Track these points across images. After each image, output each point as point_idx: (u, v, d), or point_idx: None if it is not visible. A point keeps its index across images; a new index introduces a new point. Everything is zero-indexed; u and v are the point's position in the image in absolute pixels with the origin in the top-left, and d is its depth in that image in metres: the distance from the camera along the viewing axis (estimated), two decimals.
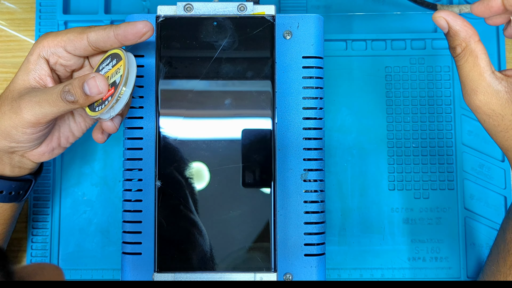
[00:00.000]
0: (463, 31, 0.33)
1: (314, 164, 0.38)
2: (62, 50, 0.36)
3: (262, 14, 0.39)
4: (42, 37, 0.37)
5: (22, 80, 0.36)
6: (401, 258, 0.47)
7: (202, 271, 0.38)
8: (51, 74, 0.37)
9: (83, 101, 0.34)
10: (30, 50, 0.37)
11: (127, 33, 0.35)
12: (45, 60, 0.36)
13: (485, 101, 0.33)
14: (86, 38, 0.35)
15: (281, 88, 0.39)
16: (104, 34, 0.35)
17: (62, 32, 0.36)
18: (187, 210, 0.38)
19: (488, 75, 0.33)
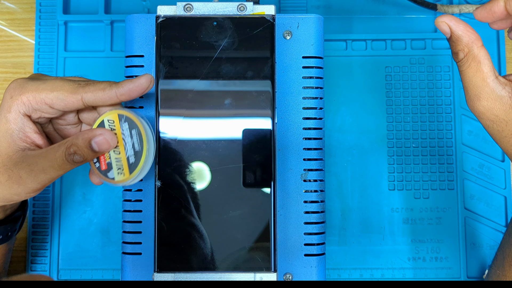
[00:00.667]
0: (465, 36, 0.33)
1: (314, 164, 0.38)
2: (47, 107, 0.33)
3: (262, 14, 0.39)
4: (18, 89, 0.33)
5: (7, 142, 0.33)
6: (401, 258, 0.47)
7: (202, 271, 0.38)
8: (37, 130, 0.34)
9: (92, 157, 0.33)
10: (2, 103, 0.33)
11: (131, 91, 0.34)
12: (27, 116, 0.34)
13: (488, 106, 0.32)
14: (81, 99, 0.33)
15: (281, 88, 0.39)
16: (104, 95, 0.33)
17: (46, 87, 0.33)
18: (187, 210, 0.38)
19: (492, 81, 0.32)
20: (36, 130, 0.34)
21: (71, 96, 0.33)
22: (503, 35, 0.48)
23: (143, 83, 0.34)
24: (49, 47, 0.49)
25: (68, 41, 0.49)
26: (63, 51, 0.49)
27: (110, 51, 0.48)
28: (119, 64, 0.48)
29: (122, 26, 0.49)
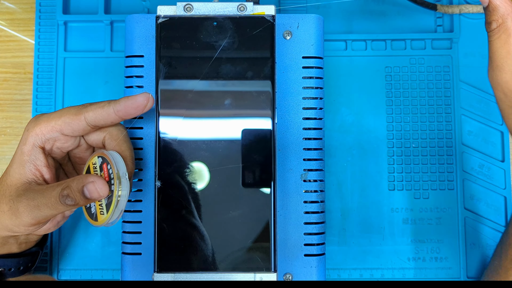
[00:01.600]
0: (502, 7, 0.33)
1: (314, 164, 0.38)
2: (58, 134, 0.35)
3: (262, 14, 0.39)
4: (33, 123, 0.35)
5: (18, 173, 0.35)
6: (401, 258, 0.47)
7: (202, 271, 0.38)
8: (47, 163, 0.35)
9: (83, 203, 0.33)
10: (22, 138, 0.35)
11: (128, 108, 0.34)
12: (40, 148, 0.35)
13: (506, 79, 0.33)
14: (84, 119, 0.34)
15: (281, 88, 0.39)
16: (103, 113, 0.34)
17: (55, 115, 0.35)
18: (187, 210, 0.38)
19: None
20: (46, 163, 0.35)
21: (75, 118, 0.34)
22: None
23: (139, 101, 0.34)
24: (49, 47, 0.49)
25: (68, 41, 0.49)
26: (63, 51, 0.49)
27: (110, 51, 0.48)
28: (119, 64, 0.48)
29: (122, 26, 0.49)
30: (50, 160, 0.36)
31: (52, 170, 0.36)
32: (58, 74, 0.48)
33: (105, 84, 0.48)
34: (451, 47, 0.48)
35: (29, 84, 0.49)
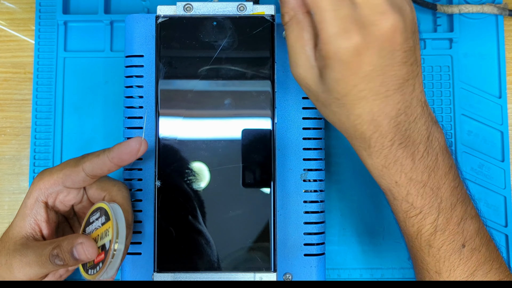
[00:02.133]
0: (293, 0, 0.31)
1: (313, 164, 0.38)
2: (61, 187, 0.36)
3: (262, 14, 0.39)
4: (37, 177, 0.36)
5: (19, 226, 0.36)
6: (401, 258, 0.47)
7: (202, 271, 0.38)
8: (47, 219, 0.36)
9: (72, 264, 0.33)
10: (27, 192, 0.36)
11: (121, 154, 0.34)
12: (43, 203, 0.36)
13: (303, 75, 0.32)
14: (82, 170, 0.35)
15: (281, 88, 0.39)
16: (99, 162, 0.35)
17: (57, 169, 0.36)
18: (186, 210, 0.38)
19: (309, 49, 0.31)
20: (46, 219, 0.36)
21: (75, 170, 0.35)
22: (502, 35, 0.48)
23: (132, 146, 0.34)
24: (49, 47, 0.49)
25: (68, 41, 0.49)
26: (63, 51, 0.48)
27: (110, 51, 0.48)
28: (119, 64, 0.48)
29: (122, 26, 0.49)
30: (51, 215, 0.37)
31: (52, 225, 0.37)
32: (58, 74, 0.48)
33: (105, 84, 0.48)
34: (451, 47, 0.48)
35: (29, 84, 0.49)
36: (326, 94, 0.31)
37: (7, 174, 0.48)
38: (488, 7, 0.47)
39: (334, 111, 0.32)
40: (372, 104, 0.30)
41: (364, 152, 0.33)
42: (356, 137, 0.32)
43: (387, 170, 0.33)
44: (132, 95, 0.39)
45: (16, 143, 0.48)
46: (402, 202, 0.34)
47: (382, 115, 0.31)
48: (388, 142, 0.32)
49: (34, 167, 0.47)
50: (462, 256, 0.34)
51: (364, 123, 0.31)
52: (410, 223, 0.34)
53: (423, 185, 0.33)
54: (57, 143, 0.48)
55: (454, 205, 0.34)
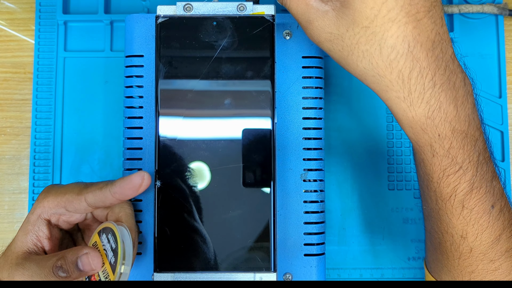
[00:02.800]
0: None
1: (313, 164, 0.38)
2: (63, 210, 0.35)
3: (262, 14, 0.39)
4: (43, 194, 0.36)
5: (21, 241, 0.36)
6: (401, 258, 0.47)
7: (202, 271, 0.38)
8: (49, 236, 0.36)
9: (76, 276, 0.33)
10: (32, 207, 0.36)
11: (123, 189, 0.34)
12: (46, 221, 0.36)
13: (320, 26, 0.31)
14: (84, 200, 0.35)
15: (281, 88, 0.39)
16: (101, 195, 0.34)
17: (61, 191, 0.36)
18: (187, 210, 0.38)
19: (314, 2, 0.31)
20: (49, 236, 0.36)
21: (77, 198, 0.35)
22: (502, 35, 0.48)
23: (134, 182, 0.34)
24: (49, 47, 0.49)
25: (68, 41, 0.49)
26: (63, 51, 0.48)
27: (110, 51, 0.48)
28: (119, 64, 0.48)
29: (122, 26, 0.49)
30: (54, 232, 0.36)
31: (55, 242, 0.36)
32: (58, 74, 0.48)
33: (105, 84, 0.48)
34: None
35: (29, 84, 0.49)
36: (351, 30, 0.30)
37: (7, 174, 0.48)
38: (488, 7, 0.47)
39: (364, 51, 0.30)
40: (405, 29, 0.28)
41: (403, 103, 0.30)
42: (393, 82, 0.30)
43: (431, 120, 0.30)
44: (132, 95, 0.39)
45: (16, 143, 0.48)
46: (443, 158, 0.31)
47: (418, 45, 0.29)
48: (429, 83, 0.29)
49: (34, 167, 0.47)
50: (491, 217, 0.33)
51: (401, 56, 0.29)
52: (447, 182, 0.32)
53: (465, 136, 0.31)
54: (57, 143, 0.48)
55: (488, 160, 0.32)
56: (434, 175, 0.32)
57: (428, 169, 0.32)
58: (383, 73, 0.30)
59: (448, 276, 0.36)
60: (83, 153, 0.48)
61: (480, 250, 0.33)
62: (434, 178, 0.32)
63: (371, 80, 0.31)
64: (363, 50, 0.30)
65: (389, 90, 0.30)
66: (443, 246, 0.35)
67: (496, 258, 0.33)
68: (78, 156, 0.48)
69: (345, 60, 0.31)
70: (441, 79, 0.30)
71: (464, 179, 0.31)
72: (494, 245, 0.33)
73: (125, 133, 0.39)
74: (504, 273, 0.34)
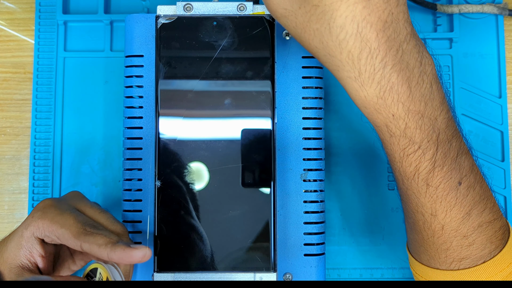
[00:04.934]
0: None
1: (313, 164, 0.38)
2: (56, 238, 0.35)
3: (262, 14, 0.39)
4: (40, 212, 0.35)
5: (14, 254, 0.35)
6: (401, 258, 0.47)
7: (202, 271, 0.38)
8: (43, 253, 0.35)
9: None
10: (26, 219, 0.36)
11: (121, 260, 0.33)
12: (39, 240, 0.35)
13: (276, 1, 0.30)
14: (80, 246, 0.34)
15: (281, 88, 0.39)
16: (97, 251, 0.33)
17: (59, 221, 0.35)
18: (186, 210, 0.38)
19: None
20: (42, 253, 0.35)
21: (73, 240, 0.34)
22: (502, 35, 0.48)
23: (134, 258, 0.33)
24: (49, 47, 0.49)
25: (68, 41, 0.49)
26: (63, 51, 0.48)
27: (110, 51, 0.48)
28: (119, 64, 0.48)
29: (122, 26, 0.49)
30: (48, 248, 0.36)
31: (49, 258, 0.36)
32: (58, 74, 0.48)
33: (105, 84, 0.48)
34: (451, 47, 0.48)
35: (29, 84, 0.49)
36: (303, 8, 0.29)
37: (7, 174, 0.48)
38: (488, 7, 0.47)
39: (315, 29, 0.29)
40: (354, 8, 0.28)
41: (354, 83, 0.30)
42: (343, 62, 0.29)
43: (383, 101, 0.30)
44: (132, 95, 0.39)
45: (16, 143, 0.48)
46: (400, 138, 0.31)
47: (368, 25, 0.28)
48: (380, 64, 0.29)
49: (34, 167, 0.47)
50: (459, 194, 0.33)
51: (350, 37, 0.28)
52: (408, 162, 0.32)
53: (421, 116, 0.30)
54: (57, 143, 0.48)
55: (451, 138, 0.32)
56: (395, 155, 0.32)
57: (389, 149, 0.32)
58: (333, 53, 0.29)
59: (426, 255, 0.36)
60: (83, 153, 0.48)
61: (451, 227, 0.33)
62: (396, 158, 0.32)
63: (324, 60, 0.30)
64: (314, 28, 0.29)
65: (340, 70, 0.30)
66: (417, 225, 0.35)
67: (469, 234, 0.34)
68: (78, 156, 0.48)
69: (299, 37, 0.31)
70: (393, 60, 0.29)
71: (424, 158, 0.31)
72: (465, 220, 0.33)
73: (125, 133, 0.39)
74: (479, 247, 0.34)
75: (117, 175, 0.48)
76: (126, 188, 0.39)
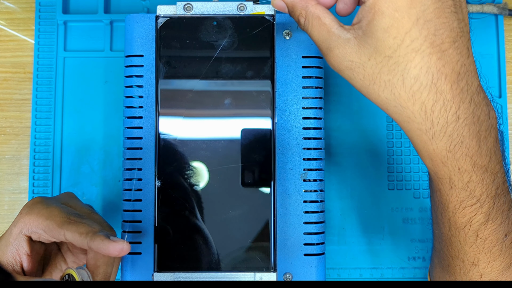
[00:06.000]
0: (298, 1, 0.32)
1: (313, 164, 0.38)
2: (42, 232, 0.35)
3: (262, 13, 0.39)
4: (27, 209, 0.36)
5: (2, 252, 0.35)
6: (401, 258, 0.47)
7: (202, 271, 0.38)
8: (29, 252, 0.35)
9: None
10: (15, 219, 0.36)
11: (99, 250, 0.33)
12: (26, 237, 0.35)
13: (341, 54, 0.30)
14: (64, 235, 0.34)
15: (281, 88, 0.39)
16: (79, 240, 0.34)
17: (44, 214, 0.35)
18: (186, 210, 0.38)
19: (336, 29, 0.31)
20: (28, 252, 0.35)
21: (57, 230, 0.34)
22: (502, 35, 0.48)
23: (111, 250, 0.33)
24: (49, 46, 0.49)
25: (68, 40, 0.49)
26: (63, 51, 0.48)
27: (110, 51, 0.48)
28: (119, 64, 0.48)
29: (122, 26, 0.49)
30: (36, 247, 0.36)
31: (35, 258, 0.36)
32: (57, 74, 0.48)
33: (105, 84, 0.48)
34: None
35: (29, 83, 0.49)
36: (374, 59, 0.29)
37: (7, 174, 0.48)
38: (488, 6, 0.47)
39: (386, 80, 0.29)
40: (429, 60, 0.28)
41: (424, 135, 0.29)
42: (415, 113, 0.29)
43: (452, 154, 0.29)
44: (132, 95, 0.39)
45: (16, 143, 0.48)
46: (461, 190, 0.31)
47: (442, 77, 0.28)
48: (453, 116, 0.29)
49: (34, 167, 0.47)
50: (504, 246, 0.32)
51: (424, 88, 0.28)
52: (462, 213, 0.31)
53: (485, 170, 0.30)
54: (57, 143, 0.48)
55: (506, 192, 0.32)
56: (450, 205, 0.32)
57: (445, 199, 0.32)
58: (406, 104, 0.29)
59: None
60: (83, 153, 0.48)
61: (490, 277, 0.33)
62: (450, 208, 0.32)
63: (393, 111, 0.30)
64: (385, 80, 0.29)
65: (411, 121, 0.30)
66: (452, 269, 0.34)
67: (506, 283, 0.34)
68: (78, 156, 0.48)
69: (366, 89, 0.31)
70: (465, 113, 0.29)
71: (480, 211, 0.31)
72: (504, 271, 0.33)
73: (125, 133, 0.39)
74: None
75: (117, 175, 0.48)
76: (126, 188, 0.39)
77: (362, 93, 0.32)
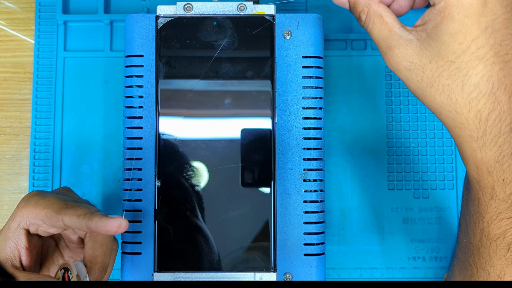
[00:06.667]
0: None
1: (313, 164, 0.38)
2: (41, 222, 0.35)
3: (262, 14, 0.39)
4: (24, 202, 0.36)
5: (1, 247, 0.35)
6: (401, 258, 0.47)
7: (202, 271, 0.38)
8: (28, 246, 0.35)
9: None
10: (13, 213, 0.36)
11: (98, 229, 0.33)
12: (25, 230, 0.35)
13: (401, 54, 0.31)
14: (61, 220, 0.34)
15: (281, 88, 0.39)
16: (77, 222, 0.34)
17: (41, 204, 0.35)
18: (186, 210, 0.38)
19: (398, 29, 0.31)
20: (27, 245, 0.35)
21: (55, 216, 0.34)
22: None
23: (109, 227, 0.33)
24: (49, 46, 0.49)
25: (68, 40, 0.49)
26: (63, 51, 0.48)
27: (110, 51, 0.48)
28: (119, 64, 0.48)
29: (122, 26, 0.49)
30: (34, 240, 0.36)
31: (33, 251, 0.36)
32: (57, 74, 0.48)
33: (105, 84, 0.48)
34: None
35: (29, 83, 0.49)
36: (435, 62, 0.29)
37: (7, 174, 0.48)
38: None
39: (445, 85, 0.29)
40: (491, 69, 0.28)
41: (474, 143, 0.29)
42: (469, 120, 0.29)
43: (500, 165, 0.29)
44: (132, 95, 0.39)
45: (16, 143, 0.48)
46: (502, 202, 0.31)
47: (502, 87, 0.28)
48: (506, 127, 0.29)
49: (34, 167, 0.47)
50: None
51: (482, 96, 0.28)
52: (498, 225, 0.31)
53: None
54: (57, 143, 0.48)
55: None
56: (486, 215, 0.32)
57: (482, 209, 0.32)
58: (461, 110, 0.29)
59: None
60: (83, 153, 0.48)
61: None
62: (486, 218, 0.32)
63: (446, 115, 0.30)
64: (443, 84, 0.29)
65: (463, 128, 0.30)
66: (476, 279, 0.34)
67: None
68: (78, 156, 0.48)
69: (422, 92, 0.31)
70: None
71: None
72: None
73: (125, 133, 0.39)
74: None
75: (117, 175, 0.48)
76: (126, 188, 0.39)
77: (416, 95, 0.32)
